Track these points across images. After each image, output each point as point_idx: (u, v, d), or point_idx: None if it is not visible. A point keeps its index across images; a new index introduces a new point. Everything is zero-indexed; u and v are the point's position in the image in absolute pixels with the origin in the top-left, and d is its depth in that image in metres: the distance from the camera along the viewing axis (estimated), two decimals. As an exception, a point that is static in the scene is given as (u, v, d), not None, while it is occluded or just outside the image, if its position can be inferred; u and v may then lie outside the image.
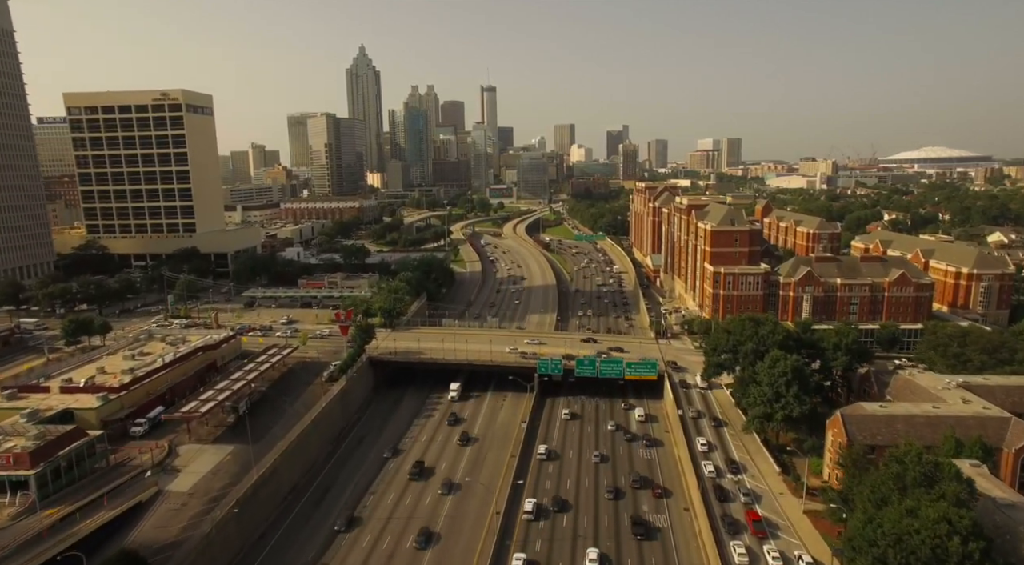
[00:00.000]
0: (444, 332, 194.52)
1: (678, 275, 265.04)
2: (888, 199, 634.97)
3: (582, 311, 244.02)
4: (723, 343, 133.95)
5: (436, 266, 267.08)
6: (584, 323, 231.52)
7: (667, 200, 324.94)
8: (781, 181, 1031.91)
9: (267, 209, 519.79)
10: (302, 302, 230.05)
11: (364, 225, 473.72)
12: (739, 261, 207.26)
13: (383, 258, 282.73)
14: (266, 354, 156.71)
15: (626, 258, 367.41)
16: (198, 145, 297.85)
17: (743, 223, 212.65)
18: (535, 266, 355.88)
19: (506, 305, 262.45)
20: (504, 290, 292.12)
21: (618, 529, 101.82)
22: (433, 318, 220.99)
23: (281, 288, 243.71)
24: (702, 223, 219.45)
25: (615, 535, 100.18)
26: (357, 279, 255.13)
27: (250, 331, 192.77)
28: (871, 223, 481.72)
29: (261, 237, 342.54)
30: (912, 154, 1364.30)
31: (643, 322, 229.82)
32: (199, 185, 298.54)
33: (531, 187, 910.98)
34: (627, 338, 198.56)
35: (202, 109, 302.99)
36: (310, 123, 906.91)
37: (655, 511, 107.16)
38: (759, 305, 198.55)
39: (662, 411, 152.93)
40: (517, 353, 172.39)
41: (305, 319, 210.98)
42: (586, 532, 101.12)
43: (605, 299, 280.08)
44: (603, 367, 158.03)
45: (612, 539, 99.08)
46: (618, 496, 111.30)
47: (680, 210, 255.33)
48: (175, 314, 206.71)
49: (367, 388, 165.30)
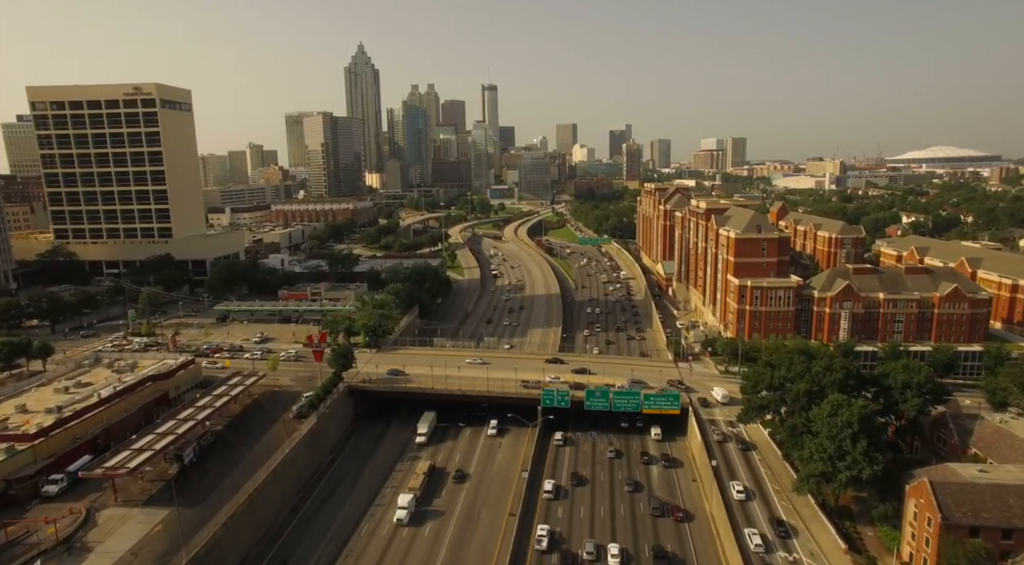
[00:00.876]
0: (435, 353, 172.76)
1: (694, 285, 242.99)
2: (903, 200, 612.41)
3: (588, 329, 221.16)
4: (766, 380, 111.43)
5: (430, 275, 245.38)
6: (592, 343, 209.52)
7: (680, 203, 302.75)
8: (789, 181, 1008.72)
9: (257, 211, 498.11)
10: (280, 317, 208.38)
11: (358, 228, 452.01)
12: (766, 272, 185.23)
13: (372, 266, 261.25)
14: (226, 385, 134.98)
15: (634, 264, 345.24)
16: (174, 143, 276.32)
17: (770, 230, 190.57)
18: (537, 272, 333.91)
19: (505, 318, 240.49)
20: (504, 300, 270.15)
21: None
22: (425, 335, 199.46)
23: (259, 301, 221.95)
24: (724, 229, 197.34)
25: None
26: (343, 290, 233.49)
27: (216, 352, 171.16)
28: (890, 226, 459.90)
29: (245, 242, 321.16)
30: (919, 154, 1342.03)
31: (658, 338, 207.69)
32: (176, 186, 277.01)
33: (533, 187, 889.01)
34: (643, 362, 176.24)
35: (179, 105, 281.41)
36: (306, 122, 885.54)
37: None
38: (790, 323, 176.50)
39: (686, 452, 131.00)
40: (517, 381, 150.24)
41: (282, 337, 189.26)
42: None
43: (614, 310, 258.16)
44: (617, 400, 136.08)
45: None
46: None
47: (697, 214, 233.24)
48: (136, 332, 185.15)
49: (345, 421, 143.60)
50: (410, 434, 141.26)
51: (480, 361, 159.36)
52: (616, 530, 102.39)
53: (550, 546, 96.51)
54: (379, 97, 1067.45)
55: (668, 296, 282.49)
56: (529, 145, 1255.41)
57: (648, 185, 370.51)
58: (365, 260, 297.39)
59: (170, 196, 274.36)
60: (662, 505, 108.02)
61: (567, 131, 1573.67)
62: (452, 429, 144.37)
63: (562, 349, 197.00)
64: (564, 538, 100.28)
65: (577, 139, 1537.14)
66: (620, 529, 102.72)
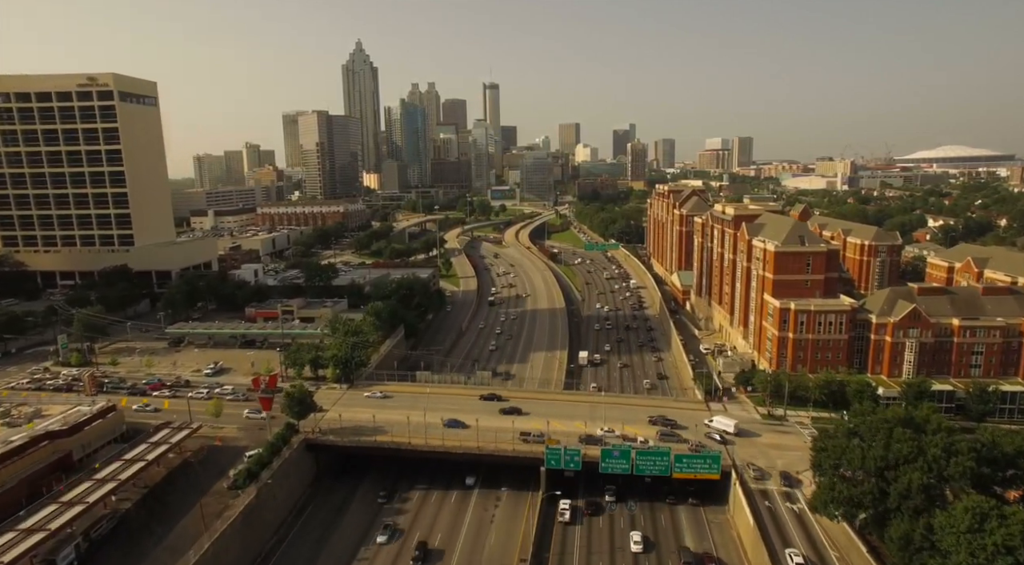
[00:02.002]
0: (418, 389, 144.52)
1: (717, 301, 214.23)
2: (924, 201, 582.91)
3: (600, 355, 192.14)
4: (854, 458, 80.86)
5: (419, 289, 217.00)
6: (603, 373, 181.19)
7: (697, 206, 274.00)
8: (799, 182, 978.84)
9: (243, 214, 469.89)
10: (243, 340, 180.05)
11: (348, 232, 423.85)
12: (811, 292, 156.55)
13: (353, 279, 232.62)
14: (147, 444, 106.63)
15: (646, 273, 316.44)
16: (136, 141, 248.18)
17: (815, 241, 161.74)
18: (540, 282, 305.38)
19: (504, 338, 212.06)
20: (502, 318, 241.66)
21: None
22: (409, 365, 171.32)
23: (220, 321, 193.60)
24: (759, 241, 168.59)
25: None
26: (319, 307, 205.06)
27: (157, 389, 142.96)
28: (917, 230, 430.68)
29: (220, 249, 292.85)
30: (930, 153, 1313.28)
31: (680, 367, 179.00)
32: (138, 189, 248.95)
33: (535, 188, 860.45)
34: (668, 403, 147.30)
35: (143, 98, 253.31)
36: (301, 121, 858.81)
37: None
38: (842, 353, 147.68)
39: (728, 532, 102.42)
40: (514, 430, 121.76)
41: (240, 366, 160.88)
42: None
43: (625, 328, 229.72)
44: (641, 461, 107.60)
45: None
46: None
47: (722, 222, 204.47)
48: (66, 361, 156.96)
49: (301, 485, 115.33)
50: (381, 503, 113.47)
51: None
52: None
53: None
54: (378, 96, 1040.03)
55: (685, 311, 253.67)
56: (531, 145, 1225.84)
57: (661, 187, 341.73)
58: (349, 270, 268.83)
59: (131, 200, 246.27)
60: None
61: (570, 131, 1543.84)
62: (434, 494, 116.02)
63: (568, 374, 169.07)
64: None
65: (580, 139, 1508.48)
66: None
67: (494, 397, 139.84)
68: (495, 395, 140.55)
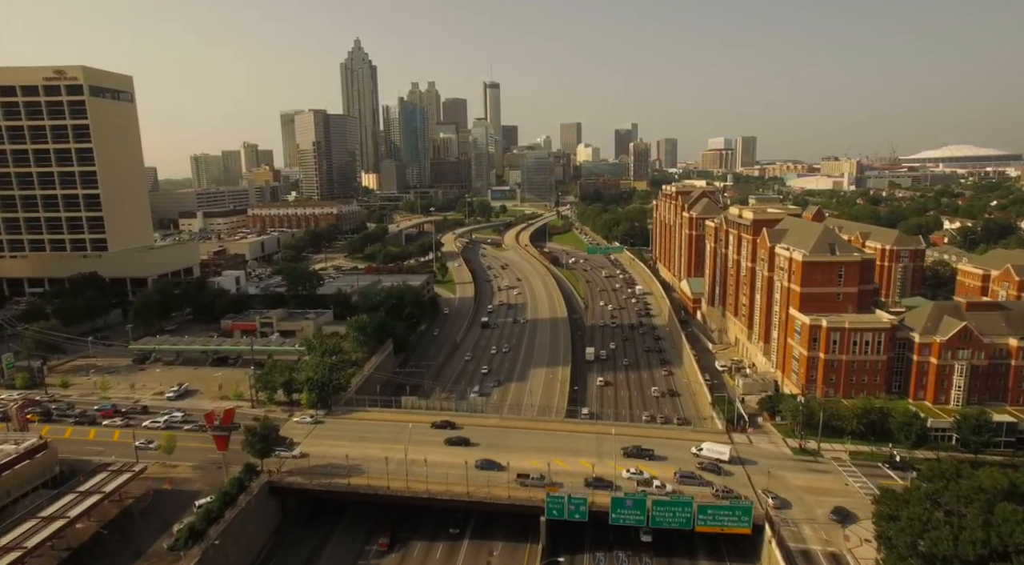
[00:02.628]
0: (402, 418, 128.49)
1: (732, 313, 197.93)
2: (936, 202, 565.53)
3: (603, 377, 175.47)
4: (943, 543, 62.26)
5: (410, 299, 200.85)
6: (607, 394, 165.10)
7: (708, 209, 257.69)
8: (804, 182, 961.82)
9: (234, 216, 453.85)
10: (214, 357, 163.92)
11: (342, 235, 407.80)
12: (843, 306, 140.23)
13: (340, 287, 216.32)
14: (76, 493, 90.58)
15: (652, 279, 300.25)
16: (110, 139, 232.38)
17: (846, 249, 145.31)
18: (541, 288, 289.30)
19: (502, 351, 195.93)
20: (501, 328, 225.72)
21: None
22: (395, 385, 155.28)
23: (188, 336, 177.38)
24: (782, 248, 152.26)
25: None
26: (300, 319, 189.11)
27: (109, 416, 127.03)
28: (933, 232, 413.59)
29: (201, 255, 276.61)
30: (935, 153, 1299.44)
31: (692, 386, 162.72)
32: (112, 190, 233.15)
33: (536, 188, 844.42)
34: (686, 434, 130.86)
35: (117, 93, 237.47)
36: (298, 120, 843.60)
37: None
38: (880, 376, 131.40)
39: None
40: (510, 474, 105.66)
41: (208, 388, 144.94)
42: None
43: (632, 338, 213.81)
44: (659, 512, 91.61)
45: None
46: None
47: (739, 226, 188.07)
48: (9, 383, 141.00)
49: (263, 534, 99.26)
50: (357, 553, 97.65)
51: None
52: None
53: None
54: (376, 94, 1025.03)
55: (696, 321, 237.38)
56: (532, 144, 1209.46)
57: (668, 188, 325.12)
58: (337, 277, 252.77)
59: (105, 202, 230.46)
60: None
61: (571, 130, 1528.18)
62: (417, 545, 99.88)
63: (572, 400, 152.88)
64: None
65: (581, 138, 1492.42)
66: None
67: (447, 425, 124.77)
68: (448, 422, 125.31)
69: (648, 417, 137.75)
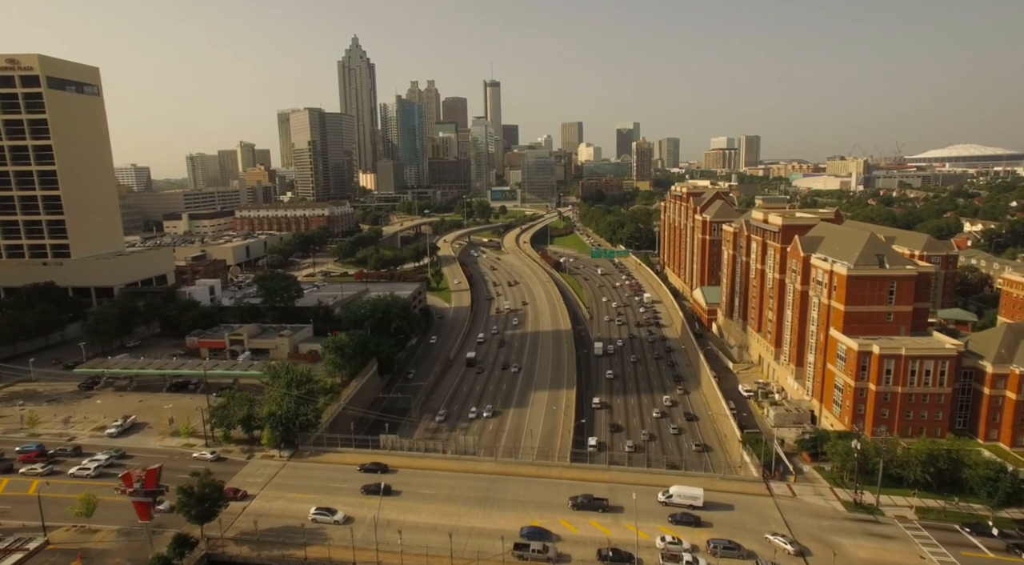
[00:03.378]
0: (380, 458, 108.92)
1: (755, 328, 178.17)
2: (952, 203, 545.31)
3: (603, 396, 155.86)
4: None
5: (397, 313, 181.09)
6: (616, 413, 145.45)
7: (723, 212, 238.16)
8: (811, 182, 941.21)
9: (221, 218, 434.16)
10: (172, 383, 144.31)
11: (333, 238, 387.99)
12: (894, 328, 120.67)
13: (320, 299, 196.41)
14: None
15: (661, 286, 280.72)
16: (73, 136, 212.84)
17: (898, 261, 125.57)
18: (543, 297, 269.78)
19: (499, 369, 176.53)
20: (498, 343, 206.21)
21: None
22: (383, 405, 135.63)
23: (149, 356, 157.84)
24: (819, 259, 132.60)
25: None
26: (274, 336, 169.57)
27: (31, 461, 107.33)
28: (955, 235, 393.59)
29: (178, 260, 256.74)
30: (941, 152, 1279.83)
31: (713, 412, 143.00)
32: (76, 192, 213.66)
33: (537, 188, 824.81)
34: (713, 481, 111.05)
35: (80, 86, 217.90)
36: (292, 118, 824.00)
37: None
38: (944, 412, 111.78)
39: None
40: (504, 534, 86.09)
41: (158, 422, 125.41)
42: None
43: (641, 352, 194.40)
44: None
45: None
46: None
47: (764, 232, 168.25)
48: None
49: (198, 623, 79.79)
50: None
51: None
52: None
53: None
54: (374, 93, 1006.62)
55: (711, 334, 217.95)
56: (533, 144, 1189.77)
57: (678, 188, 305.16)
58: (320, 287, 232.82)
59: (66, 204, 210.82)
60: None
61: (572, 130, 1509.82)
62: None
63: (577, 431, 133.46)
64: None
65: (583, 138, 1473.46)
66: None
67: (377, 468, 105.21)
68: (378, 465, 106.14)
69: (685, 459, 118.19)
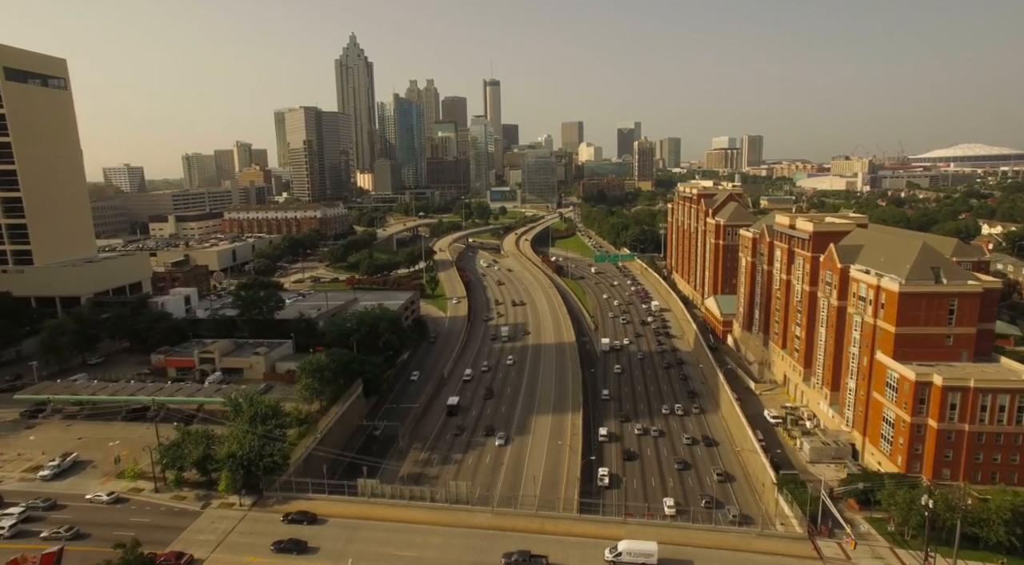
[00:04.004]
0: (356, 513, 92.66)
1: (779, 344, 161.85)
2: (965, 204, 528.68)
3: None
4: None
5: (387, 326, 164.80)
6: (630, 446, 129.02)
7: (738, 215, 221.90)
8: (816, 182, 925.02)
9: (209, 220, 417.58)
10: (128, 412, 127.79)
11: (325, 241, 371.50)
12: (954, 353, 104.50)
13: (302, 312, 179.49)
14: None
15: (670, 293, 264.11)
16: (35, 132, 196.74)
17: (957, 275, 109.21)
18: (545, 305, 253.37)
19: (497, 391, 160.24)
20: (496, 360, 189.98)
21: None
22: (365, 433, 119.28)
23: (97, 381, 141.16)
24: (860, 271, 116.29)
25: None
26: (248, 354, 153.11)
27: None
28: (975, 238, 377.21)
29: (157, 266, 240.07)
30: (946, 152, 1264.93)
31: (738, 443, 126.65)
32: (39, 193, 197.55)
33: (538, 189, 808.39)
34: (750, 539, 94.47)
35: (45, 79, 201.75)
36: (288, 117, 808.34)
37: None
38: (1021, 455, 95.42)
39: None
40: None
41: (105, 461, 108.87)
42: None
43: (652, 369, 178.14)
44: None
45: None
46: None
47: (790, 239, 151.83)
48: None
49: None
50: None
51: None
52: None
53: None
54: (372, 91, 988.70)
55: (727, 347, 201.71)
56: (533, 143, 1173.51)
57: (687, 189, 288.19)
58: (306, 296, 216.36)
59: (28, 207, 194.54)
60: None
61: (572, 129, 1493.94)
62: None
63: (587, 459, 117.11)
64: None
65: (583, 138, 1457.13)
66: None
67: (294, 547, 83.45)
68: (296, 542, 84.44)
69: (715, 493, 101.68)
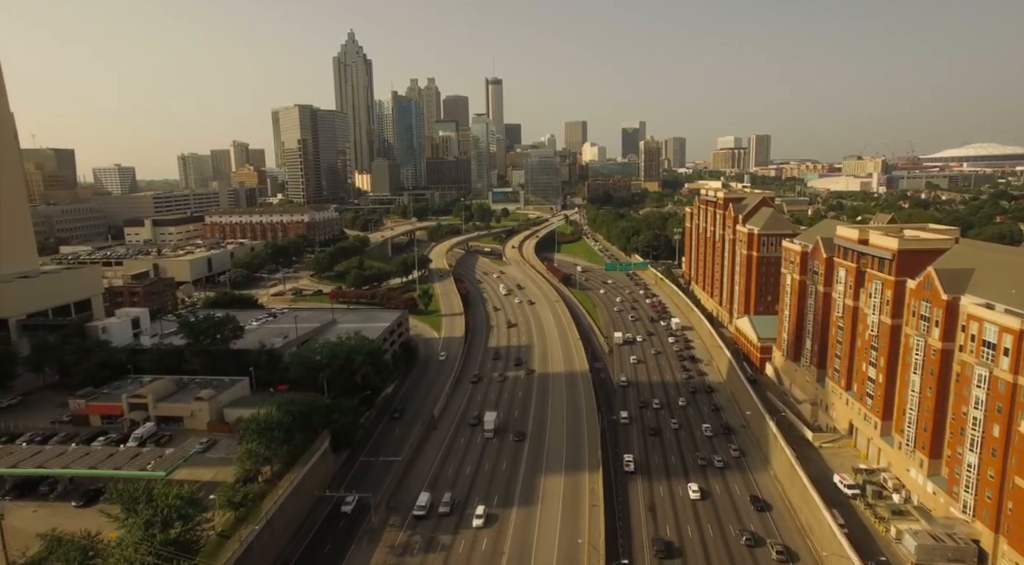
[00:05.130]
0: None
1: (842, 384, 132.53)
2: (995, 205, 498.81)
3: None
4: None
5: (364, 359, 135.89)
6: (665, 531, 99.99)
7: (774, 223, 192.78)
8: (829, 183, 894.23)
9: (189, 224, 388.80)
10: (13, 484, 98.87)
11: (312, 247, 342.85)
12: None
13: (262, 341, 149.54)
14: None
15: (692, 309, 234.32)
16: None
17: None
18: (552, 324, 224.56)
19: (496, 441, 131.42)
20: (496, 392, 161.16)
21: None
22: (324, 510, 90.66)
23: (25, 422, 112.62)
24: (981, 308, 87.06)
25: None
26: (189, 399, 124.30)
27: None
28: (1020, 243, 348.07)
29: (101, 283, 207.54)
30: (958, 152, 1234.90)
31: (792, 507, 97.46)
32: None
33: (541, 189, 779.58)
34: None
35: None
36: (282, 115, 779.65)
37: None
38: None
39: None
40: None
41: None
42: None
43: (682, 409, 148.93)
44: None
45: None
46: None
47: (860, 257, 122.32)
48: None
49: None
50: None
51: None
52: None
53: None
54: (371, 90, 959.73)
55: (764, 377, 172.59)
56: (536, 143, 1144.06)
57: (713, 190, 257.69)
58: (277, 314, 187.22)
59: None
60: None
61: (576, 129, 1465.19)
62: None
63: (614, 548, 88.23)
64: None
65: (587, 137, 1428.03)
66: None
67: None
68: None
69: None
